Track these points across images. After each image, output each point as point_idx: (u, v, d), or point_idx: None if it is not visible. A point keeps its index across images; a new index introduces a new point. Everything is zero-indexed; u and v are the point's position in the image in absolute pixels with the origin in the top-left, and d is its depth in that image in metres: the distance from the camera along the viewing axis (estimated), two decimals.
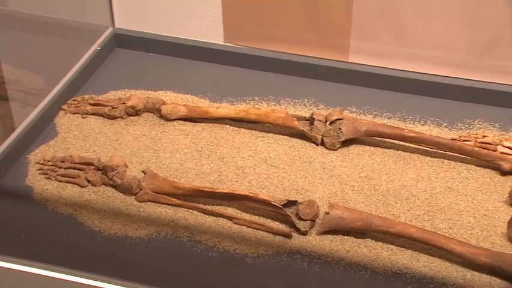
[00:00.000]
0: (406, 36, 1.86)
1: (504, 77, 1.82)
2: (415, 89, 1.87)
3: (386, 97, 1.87)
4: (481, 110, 1.80)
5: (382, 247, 1.41)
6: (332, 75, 1.93)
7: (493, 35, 1.78)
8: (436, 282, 1.33)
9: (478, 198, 1.54)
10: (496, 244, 1.41)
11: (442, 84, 1.86)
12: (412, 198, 1.54)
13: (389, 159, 1.66)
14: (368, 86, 1.91)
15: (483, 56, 1.82)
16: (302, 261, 1.39)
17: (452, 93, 1.84)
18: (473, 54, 1.82)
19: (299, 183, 1.58)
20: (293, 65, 1.95)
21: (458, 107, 1.82)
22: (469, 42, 1.81)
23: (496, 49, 1.79)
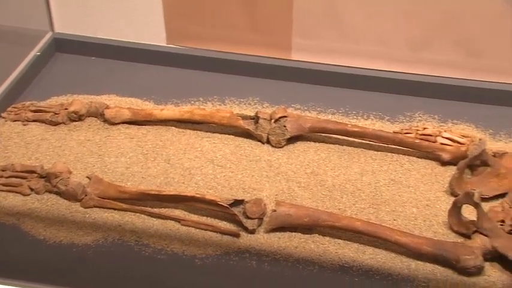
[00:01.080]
0: (347, 32, 1.89)
1: (442, 70, 1.87)
2: (358, 84, 1.90)
3: (330, 93, 1.90)
4: (421, 103, 1.84)
5: (329, 242, 1.43)
6: (276, 74, 1.94)
7: (430, 28, 1.83)
8: (382, 273, 1.36)
9: (420, 189, 1.58)
10: (438, 233, 1.45)
11: (383, 78, 1.89)
12: (357, 192, 1.56)
13: (334, 155, 1.68)
14: (312, 82, 1.93)
15: (421, 50, 1.86)
16: (251, 259, 1.40)
17: (393, 87, 1.88)
18: (412, 48, 1.87)
19: (246, 182, 1.59)
20: (237, 64, 1.96)
21: (399, 101, 1.86)
22: (407, 36, 1.85)
23: (432, 43, 1.84)
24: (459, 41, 1.82)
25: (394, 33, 1.85)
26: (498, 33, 1.78)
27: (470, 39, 1.81)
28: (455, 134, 1.68)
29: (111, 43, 2.02)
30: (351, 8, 1.84)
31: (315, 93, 1.89)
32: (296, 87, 1.93)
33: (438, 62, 1.86)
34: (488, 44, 1.81)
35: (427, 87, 1.86)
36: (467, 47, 1.83)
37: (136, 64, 2.00)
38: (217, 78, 1.96)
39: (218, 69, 1.97)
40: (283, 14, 1.88)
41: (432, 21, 1.82)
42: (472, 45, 1.82)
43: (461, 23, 1.79)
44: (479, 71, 1.84)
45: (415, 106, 1.83)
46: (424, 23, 1.82)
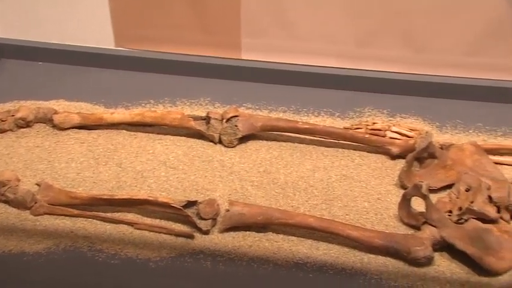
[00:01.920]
0: (295, 31, 1.90)
1: (389, 65, 1.90)
2: (308, 82, 1.92)
3: (281, 91, 1.91)
4: (370, 98, 1.87)
5: (283, 239, 1.45)
6: (226, 73, 1.94)
7: (377, 24, 1.86)
8: (336, 268, 1.38)
9: (372, 183, 1.60)
10: (390, 226, 1.48)
11: (332, 75, 1.91)
12: (310, 188, 1.58)
13: (286, 152, 1.69)
14: (262, 81, 1.94)
15: (368, 46, 1.89)
16: (205, 260, 1.40)
17: (342, 83, 1.90)
18: (359, 45, 1.89)
19: (199, 183, 1.59)
20: (187, 65, 1.95)
21: (349, 97, 1.89)
22: (354, 33, 1.88)
23: (379, 38, 1.87)
24: (405, 36, 1.86)
25: (342, 30, 1.88)
26: (442, 28, 1.82)
27: (416, 34, 1.85)
28: (403, 128, 1.71)
29: (58, 47, 1.98)
30: (298, 6, 1.86)
31: (266, 92, 1.90)
32: (247, 86, 1.93)
33: (385, 57, 1.89)
34: (432, 38, 1.85)
35: (375, 83, 1.89)
36: (413, 42, 1.86)
37: (85, 68, 1.98)
38: (168, 79, 1.95)
39: (168, 70, 1.96)
40: (232, 14, 1.89)
41: (378, 17, 1.85)
42: (417, 39, 1.86)
43: (407, 18, 1.83)
44: (424, 65, 1.88)
45: (364, 101, 1.86)
46: (371, 19, 1.85)
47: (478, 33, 1.80)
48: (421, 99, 1.86)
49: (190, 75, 1.96)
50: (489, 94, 1.83)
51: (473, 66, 1.84)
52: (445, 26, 1.81)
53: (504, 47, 1.80)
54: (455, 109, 1.82)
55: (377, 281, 1.35)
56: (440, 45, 1.84)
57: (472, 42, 1.82)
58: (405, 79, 1.88)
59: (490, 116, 1.79)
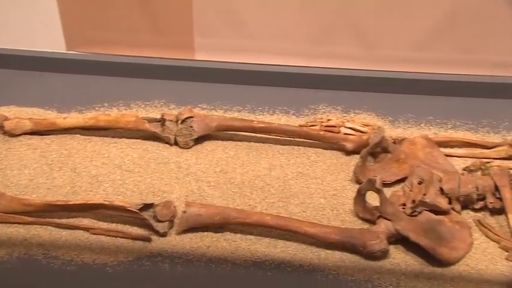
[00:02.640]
0: (248, 30, 1.91)
1: (342, 62, 1.92)
2: (263, 81, 1.93)
3: (236, 91, 1.91)
4: (324, 95, 1.89)
5: (241, 238, 1.45)
6: (180, 75, 1.94)
7: (329, 22, 1.87)
8: (294, 265, 1.39)
9: (327, 179, 1.62)
10: (346, 221, 1.50)
11: (286, 73, 1.93)
12: (267, 187, 1.59)
13: (243, 152, 1.70)
14: (217, 81, 1.94)
15: (321, 43, 1.91)
16: (163, 262, 1.39)
17: (296, 81, 1.92)
18: (312, 42, 1.91)
19: (155, 186, 1.58)
20: (140, 67, 1.94)
21: (303, 94, 1.90)
22: (307, 30, 1.90)
23: (332, 35, 1.89)
24: (356, 33, 1.88)
25: (294, 28, 1.89)
26: (392, 24, 1.85)
27: (367, 31, 1.88)
28: (357, 124, 1.74)
29: (8, 52, 1.95)
30: (250, 4, 1.86)
31: (221, 92, 1.90)
32: (201, 87, 1.93)
33: (338, 54, 1.91)
34: (383, 34, 1.87)
35: (329, 80, 1.91)
36: (365, 39, 1.89)
37: (36, 73, 1.95)
38: (122, 82, 1.94)
39: (122, 73, 1.95)
40: (183, 14, 1.88)
41: (330, 15, 1.86)
42: (368, 36, 1.88)
43: (358, 15, 1.85)
44: (376, 61, 1.91)
45: (318, 99, 1.88)
46: (323, 17, 1.87)
47: (427, 29, 1.83)
48: (374, 94, 1.89)
49: (144, 77, 1.95)
50: (439, 88, 1.87)
51: (423, 61, 1.88)
52: (395, 22, 1.84)
53: (451, 42, 1.84)
54: (407, 104, 1.85)
55: (334, 276, 1.37)
56: (391, 41, 1.87)
57: (421, 38, 1.85)
58: (358, 75, 1.91)
59: (441, 109, 1.83)
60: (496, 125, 1.75)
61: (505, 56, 1.82)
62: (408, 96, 1.88)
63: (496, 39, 1.81)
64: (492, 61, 1.83)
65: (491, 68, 1.84)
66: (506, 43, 1.80)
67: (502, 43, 1.80)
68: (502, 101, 1.83)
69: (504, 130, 1.73)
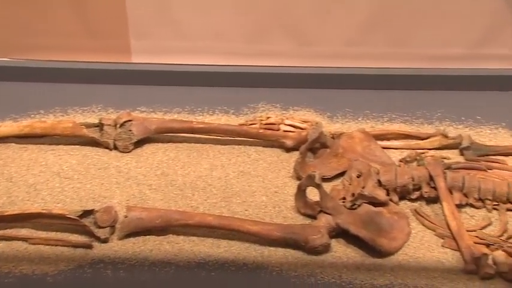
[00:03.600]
0: (184, 30, 1.90)
1: (279, 60, 1.94)
2: (201, 81, 1.93)
3: (175, 92, 1.91)
4: (263, 93, 1.90)
5: (184, 240, 1.45)
6: (118, 78, 1.92)
7: (264, 20, 1.89)
8: (237, 264, 1.39)
9: (269, 177, 1.63)
10: (288, 217, 1.51)
11: (224, 73, 1.93)
12: (209, 187, 1.59)
13: (183, 153, 1.69)
14: (155, 84, 1.93)
15: (258, 42, 1.92)
16: (106, 269, 1.37)
17: (235, 80, 1.93)
18: (249, 41, 1.92)
19: (96, 191, 1.56)
20: (76, 72, 1.91)
21: (242, 93, 1.91)
22: (243, 29, 1.91)
23: (268, 34, 1.90)
24: (292, 30, 1.90)
25: (230, 27, 1.90)
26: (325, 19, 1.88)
27: (302, 28, 1.90)
28: (296, 121, 1.75)
29: None
30: (185, 4, 1.86)
31: (160, 94, 1.89)
32: (140, 90, 1.92)
33: (274, 52, 1.93)
34: (317, 30, 1.90)
35: (267, 78, 1.92)
36: (300, 36, 1.91)
37: None
38: (58, 88, 1.91)
39: (57, 79, 1.91)
40: (117, 17, 1.87)
41: (265, 13, 1.88)
42: (303, 33, 1.91)
43: (292, 12, 1.87)
44: (312, 57, 1.93)
45: (257, 97, 1.89)
46: (258, 15, 1.89)
47: (360, 24, 1.87)
48: (311, 91, 1.91)
49: (81, 82, 1.92)
50: (374, 82, 1.90)
51: (358, 56, 1.92)
52: (330, 18, 1.87)
53: (383, 36, 1.88)
54: (345, 98, 1.88)
55: (278, 272, 1.38)
56: (326, 37, 1.90)
57: (355, 33, 1.88)
58: (295, 72, 1.93)
59: (377, 102, 1.86)
60: (429, 116, 1.79)
61: (435, 48, 1.87)
62: (345, 91, 1.91)
63: (426, 32, 1.86)
64: (423, 53, 1.88)
65: (423, 61, 1.88)
66: (436, 35, 1.85)
67: (432, 35, 1.85)
68: (434, 92, 1.88)
69: (437, 121, 1.78)
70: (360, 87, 1.91)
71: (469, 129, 1.73)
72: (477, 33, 1.83)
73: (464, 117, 1.76)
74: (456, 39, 1.85)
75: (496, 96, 1.83)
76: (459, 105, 1.81)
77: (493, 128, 1.73)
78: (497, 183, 1.48)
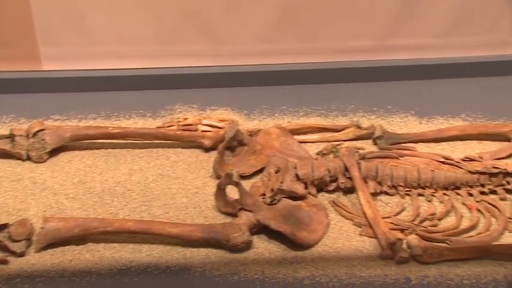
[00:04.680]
0: (94, 35, 1.88)
1: (192, 60, 1.94)
2: (116, 86, 1.91)
3: (89, 98, 1.88)
4: (179, 95, 1.90)
5: (104, 248, 1.42)
6: (29, 87, 1.87)
7: (175, 21, 1.88)
8: (160, 267, 1.38)
9: (188, 178, 1.63)
10: (209, 217, 1.51)
11: (139, 76, 1.92)
12: (128, 192, 1.57)
13: (101, 160, 1.67)
14: (68, 90, 1.89)
15: (170, 43, 1.91)
16: (23, 283, 1.33)
17: (150, 83, 1.92)
18: (161, 43, 1.91)
19: (10, 204, 1.51)
20: None
21: (158, 96, 1.90)
22: (154, 32, 1.89)
23: (179, 35, 1.90)
24: (204, 30, 1.90)
25: (141, 30, 1.88)
26: (236, 18, 1.89)
27: (213, 27, 1.91)
28: (213, 120, 1.76)
29: None
30: (93, 9, 1.83)
31: (74, 101, 1.86)
32: (52, 97, 1.88)
33: (187, 52, 1.93)
34: (229, 29, 1.91)
35: (183, 79, 1.92)
36: (212, 35, 1.92)
37: None
38: None
39: None
40: (24, 24, 1.81)
41: (176, 14, 1.87)
42: (215, 32, 1.91)
43: (203, 12, 1.87)
44: (226, 56, 1.94)
45: (174, 99, 1.88)
46: (169, 16, 1.88)
47: (271, 21, 1.89)
48: (228, 89, 1.93)
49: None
50: (289, 77, 1.93)
51: (270, 52, 1.93)
52: (241, 16, 1.88)
53: (294, 32, 1.91)
54: (261, 95, 1.90)
55: (201, 273, 1.38)
56: (239, 35, 1.91)
57: (265, 30, 1.90)
58: (211, 72, 1.94)
59: (292, 98, 1.89)
60: (343, 108, 1.84)
61: (344, 42, 1.92)
62: (261, 88, 1.93)
63: (335, 26, 1.90)
64: (334, 47, 1.92)
65: (333, 54, 1.92)
66: (345, 29, 1.90)
67: (341, 29, 1.90)
68: (347, 85, 1.92)
69: (351, 112, 1.83)
70: (275, 84, 1.93)
71: (381, 119, 1.78)
72: (383, 25, 1.88)
73: (376, 108, 1.82)
74: (364, 32, 1.90)
75: (404, 86, 1.90)
76: (371, 96, 1.86)
77: (403, 117, 1.79)
78: (408, 170, 1.53)
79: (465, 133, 1.68)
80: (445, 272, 1.35)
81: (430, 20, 1.86)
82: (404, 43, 1.90)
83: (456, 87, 1.87)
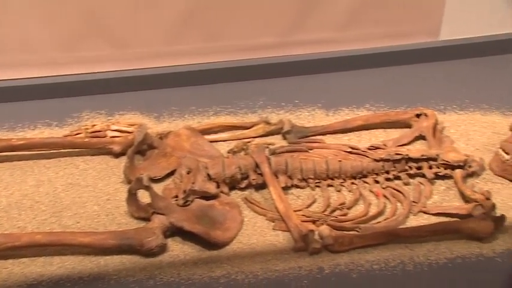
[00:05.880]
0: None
1: (96, 66, 1.90)
2: (19, 96, 1.85)
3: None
4: (86, 102, 1.86)
5: (13, 264, 1.38)
6: None
7: (73, 28, 1.84)
8: (73, 279, 1.35)
9: (99, 185, 1.60)
10: (122, 224, 1.49)
11: (43, 85, 1.87)
12: (36, 204, 1.53)
13: (5, 173, 1.61)
14: None
15: (71, 50, 1.87)
16: None
17: (56, 91, 1.87)
18: (61, 50, 1.86)
19: None
20: None
21: (64, 104, 1.85)
22: (53, 39, 1.84)
23: (79, 41, 1.86)
24: (105, 34, 1.87)
25: (42, 37, 1.83)
26: (139, 21, 1.87)
27: (116, 31, 1.88)
28: (122, 125, 1.73)
29: None
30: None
31: None
32: None
33: (92, 58, 1.89)
34: (132, 32, 1.88)
35: (89, 85, 1.88)
36: (116, 39, 1.89)
37: None
38: None
39: None
40: None
41: (78, 19, 1.83)
42: (119, 36, 1.88)
43: (104, 16, 1.84)
44: (130, 60, 1.91)
45: (80, 106, 1.84)
46: (69, 23, 1.83)
47: (173, 22, 1.88)
48: (136, 93, 1.90)
49: None
50: (197, 77, 1.92)
51: (175, 53, 1.92)
52: (142, 18, 1.86)
53: (198, 32, 1.91)
54: (169, 97, 1.89)
55: (116, 280, 1.36)
56: (141, 38, 1.89)
57: (168, 31, 1.89)
58: (117, 76, 1.91)
59: (201, 98, 1.89)
60: (252, 105, 1.85)
61: (249, 39, 1.93)
62: (169, 90, 1.91)
63: (239, 24, 1.91)
64: (239, 45, 1.93)
65: (239, 52, 1.93)
66: (248, 26, 1.91)
67: (245, 27, 1.91)
68: (255, 82, 1.93)
69: (260, 109, 1.84)
70: (184, 85, 1.92)
71: (289, 114, 1.81)
72: (285, 22, 1.91)
73: (284, 103, 1.84)
74: (267, 29, 1.92)
75: (310, 80, 1.93)
76: (278, 92, 1.88)
77: (310, 110, 1.82)
78: (317, 162, 1.57)
79: (369, 122, 1.73)
80: (356, 259, 1.39)
81: (330, 14, 1.90)
82: (307, 38, 1.93)
83: (359, 78, 1.92)
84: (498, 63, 1.92)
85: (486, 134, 1.69)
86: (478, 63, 1.93)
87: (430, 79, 1.89)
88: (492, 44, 1.93)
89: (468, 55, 1.94)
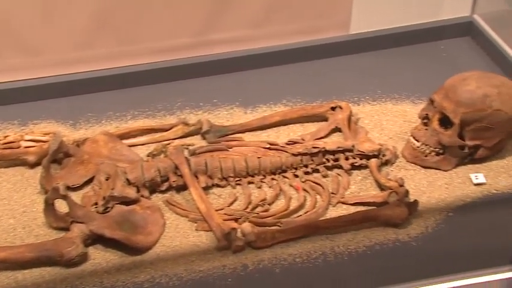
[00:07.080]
0: None
1: (8, 75, 1.84)
2: None
3: None
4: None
5: None
6: None
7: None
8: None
9: (14, 197, 1.56)
10: (40, 235, 1.45)
11: None
12: None
13: None
14: None
15: None
16: None
17: None
18: None
19: None
20: None
21: None
22: None
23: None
24: (16, 43, 1.82)
25: None
26: (49, 27, 1.82)
27: (28, 38, 1.83)
28: (37, 134, 1.68)
29: None
30: None
31: None
32: None
33: (1, 67, 1.83)
34: (44, 39, 1.84)
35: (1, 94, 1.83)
36: (26, 47, 1.84)
37: None
38: None
39: None
40: None
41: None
42: (29, 43, 1.83)
43: (13, 24, 1.79)
44: (42, 67, 1.86)
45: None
46: None
47: (84, 27, 1.84)
48: (50, 101, 1.85)
49: None
50: (112, 82, 1.89)
51: (87, 59, 1.88)
52: (53, 25, 1.82)
53: (112, 36, 1.87)
54: (85, 104, 1.85)
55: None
56: (53, 44, 1.85)
57: (80, 37, 1.85)
58: (30, 85, 1.86)
59: (118, 102, 1.85)
60: (170, 107, 1.83)
61: (163, 41, 1.91)
62: (85, 96, 1.87)
63: (152, 26, 1.89)
64: (152, 47, 1.91)
65: (154, 54, 1.92)
66: (161, 28, 1.89)
67: (158, 29, 1.89)
68: (172, 83, 1.91)
69: (178, 110, 1.82)
70: (100, 90, 1.88)
71: (208, 113, 1.80)
72: (199, 22, 1.90)
73: (202, 103, 1.83)
74: (181, 30, 1.91)
75: (227, 78, 1.93)
76: (196, 92, 1.87)
77: (228, 109, 1.82)
78: (236, 160, 1.57)
79: (287, 117, 1.75)
80: (278, 253, 1.41)
81: (243, 12, 1.91)
82: (221, 37, 1.92)
83: (275, 74, 1.93)
84: (406, 54, 1.98)
85: (398, 122, 1.74)
86: (388, 55, 1.98)
87: (343, 72, 1.93)
88: (399, 35, 1.98)
89: (378, 47, 1.99)
